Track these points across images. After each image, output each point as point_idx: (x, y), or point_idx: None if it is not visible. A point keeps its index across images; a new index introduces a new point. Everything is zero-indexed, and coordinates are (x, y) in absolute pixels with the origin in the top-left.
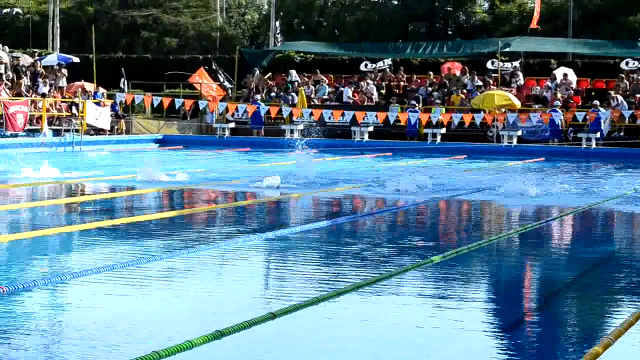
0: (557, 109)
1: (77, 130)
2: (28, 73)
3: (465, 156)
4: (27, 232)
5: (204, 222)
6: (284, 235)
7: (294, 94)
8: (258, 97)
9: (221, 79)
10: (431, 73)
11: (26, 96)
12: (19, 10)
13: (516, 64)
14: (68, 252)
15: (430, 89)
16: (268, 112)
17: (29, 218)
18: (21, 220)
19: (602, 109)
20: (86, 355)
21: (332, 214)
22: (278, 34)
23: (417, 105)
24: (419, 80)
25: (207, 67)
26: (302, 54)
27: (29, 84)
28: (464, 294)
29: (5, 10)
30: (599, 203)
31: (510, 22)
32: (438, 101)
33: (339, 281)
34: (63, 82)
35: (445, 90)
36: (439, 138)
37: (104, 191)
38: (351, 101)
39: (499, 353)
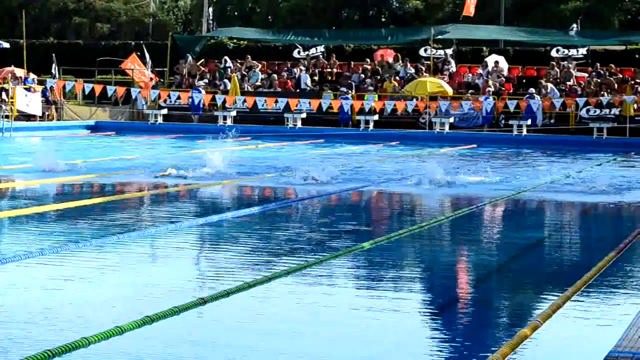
0: (489, 96)
1: (7, 117)
2: None
3: (398, 142)
4: None
5: (127, 209)
6: (211, 222)
7: (226, 80)
8: (202, 83)
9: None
10: (368, 60)
11: None
12: None
13: (449, 51)
14: None
15: (363, 76)
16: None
17: None
18: None
19: (537, 96)
20: (14, 342)
21: (257, 202)
22: (211, 20)
23: (349, 92)
24: (353, 67)
25: (139, 53)
26: (235, 40)
27: None
28: (394, 280)
29: None
30: (527, 190)
31: (443, 9)
32: (371, 88)
33: (267, 267)
34: None
35: (378, 77)
36: (371, 125)
37: (29, 178)
38: (308, 88)
39: (429, 336)
